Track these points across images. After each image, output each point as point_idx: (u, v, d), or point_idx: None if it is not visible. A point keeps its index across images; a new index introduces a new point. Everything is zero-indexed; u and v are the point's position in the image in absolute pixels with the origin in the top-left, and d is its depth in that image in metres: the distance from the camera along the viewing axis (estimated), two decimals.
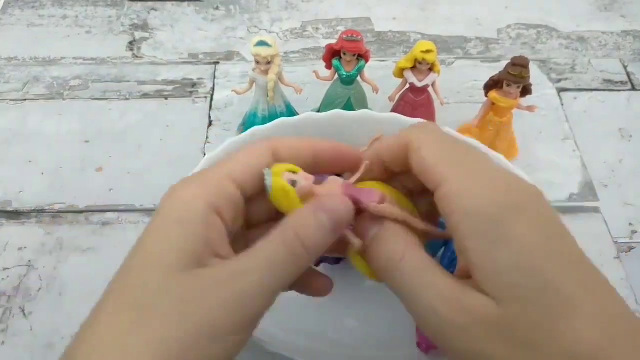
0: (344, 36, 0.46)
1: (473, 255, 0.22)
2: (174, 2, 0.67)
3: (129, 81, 0.58)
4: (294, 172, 0.25)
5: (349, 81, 0.49)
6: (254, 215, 0.26)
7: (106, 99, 0.57)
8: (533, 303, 0.21)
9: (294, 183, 0.24)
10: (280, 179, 0.24)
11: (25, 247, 0.46)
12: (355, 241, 0.25)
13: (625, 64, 0.61)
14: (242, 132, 0.47)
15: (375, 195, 0.25)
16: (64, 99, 0.57)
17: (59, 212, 0.48)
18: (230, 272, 0.22)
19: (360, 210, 0.25)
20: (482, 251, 0.22)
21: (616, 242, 0.47)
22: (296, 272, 0.23)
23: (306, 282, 0.26)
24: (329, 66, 0.49)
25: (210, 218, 0.23)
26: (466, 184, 0.23)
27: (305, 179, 0.25)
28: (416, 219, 0.26)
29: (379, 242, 0.25)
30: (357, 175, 0.26)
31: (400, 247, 0.24)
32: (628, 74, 0.60)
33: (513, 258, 0.21)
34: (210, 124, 0.55)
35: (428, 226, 0.26)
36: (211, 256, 0.22)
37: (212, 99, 0.57)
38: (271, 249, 0.22)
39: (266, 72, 0.47)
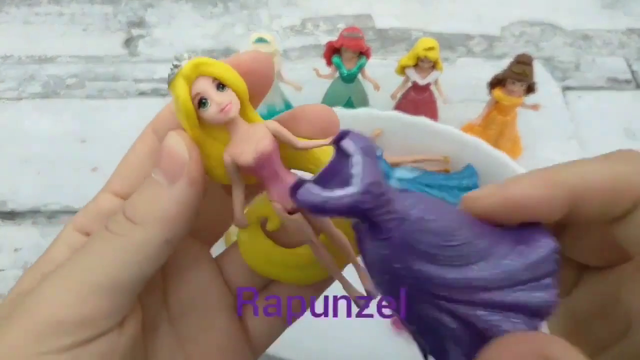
0: (345, 33, 0.45)
1: None
2: None
3: (125, 79, 0.58)
4: (221, 84, 0.16)
5: (349, 79, 0.48)
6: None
7: (102, 98, 0.56)
8: None
9: (203, 103, 0.16)
10: (186, 88, 0.16)
11: (21, 249, 0.45)
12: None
13: (630, 63, 0.60)
14: None
15: (284, 194, 0.17)
16: (60, 98, 0.56)
17: (54, 212, 0.47)
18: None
19: None
20: None
21: None
22: (130, 249, 0.17)
23: None
24: (329, 63, 0.48)
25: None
26: None
27: (221, 103, 0.16)
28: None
29: None
30: (312, 143, 0.18)
31: None
32: (633, 73, 0.59)
33: None
34: None
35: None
36: None
37: None
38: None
39: None
